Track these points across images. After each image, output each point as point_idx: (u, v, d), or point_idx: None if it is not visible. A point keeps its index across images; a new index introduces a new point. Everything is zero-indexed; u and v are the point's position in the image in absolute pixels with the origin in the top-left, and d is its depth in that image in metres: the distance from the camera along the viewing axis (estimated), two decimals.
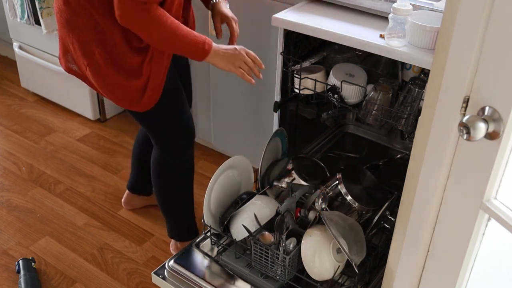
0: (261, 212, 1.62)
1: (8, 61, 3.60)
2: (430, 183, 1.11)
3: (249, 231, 1.57)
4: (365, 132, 2.09)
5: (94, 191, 2.49)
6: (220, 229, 1.70)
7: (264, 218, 1.62)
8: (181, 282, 1.64)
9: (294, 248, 1.54)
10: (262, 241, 1.55)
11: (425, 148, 1.10)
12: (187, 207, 2.02)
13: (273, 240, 1.56)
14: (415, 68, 1.88)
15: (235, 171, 1.77)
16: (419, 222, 1.18)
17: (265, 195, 1.78)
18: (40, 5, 2.58)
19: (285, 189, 1.86)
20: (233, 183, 1.79)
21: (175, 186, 1.96)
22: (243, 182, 1.82)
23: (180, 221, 2.02)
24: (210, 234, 1.71)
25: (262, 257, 1.56)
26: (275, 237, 1.56)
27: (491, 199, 1.00)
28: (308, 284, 1.55)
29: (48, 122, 2.99)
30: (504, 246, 1.06)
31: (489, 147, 0.95)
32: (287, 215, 1.63)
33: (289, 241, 1.55)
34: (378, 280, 1.60)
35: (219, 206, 1.74)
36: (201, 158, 2.69)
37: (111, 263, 2.11)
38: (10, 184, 2.51)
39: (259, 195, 1.75)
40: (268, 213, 1.64)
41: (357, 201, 1.69)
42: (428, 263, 1.22)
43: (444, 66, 1.00)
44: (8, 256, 2.12)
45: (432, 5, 1.67)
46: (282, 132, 1.92)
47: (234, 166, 1.76)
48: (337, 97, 1.87)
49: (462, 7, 0.94)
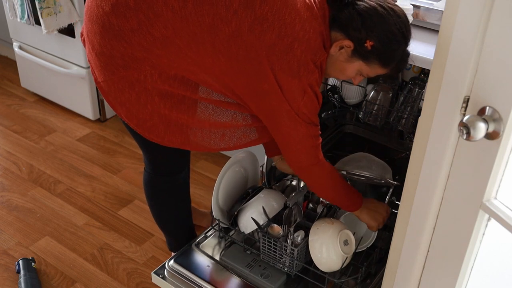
0: (268, 206, 1.65)
1: (8, 61, 3.60)
2: (430, 183, 1.11)
3: (258, 223, 1.61)
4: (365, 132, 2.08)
5: (94, 191, 2.49)
6: (229, 222, 1.72)
7: (272, 211, 1.65)
8: (181, 282, 1.65)
9: (302, 241, 1.58)
10: (271, 233, 1.58)
11: (425, 148, 1.10)
12: (185, 221, 1.94)
13: (282, 232, 1.58)
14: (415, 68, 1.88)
15: (242, 166, 1.80)
16: (419, 222, 1.18)
17: (272, 189, 1.79)
18: (40, 5, 2.58)
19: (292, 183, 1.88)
20: (240, 177, 1.81)
21: (170, 205, 1.86)
22: (250, 177, 1.85)
23: (180, 236, 1.94)
24: (218, 227, 1.73)
25: (270, 249, 1.59)
26: (283, 229, 1.58)
27: (491, 199, 1.00)
28: (316, 275, 1.57)
29: (48, 122, 2.99)
30: (504, 246, 1.06)
31: (489, 147, 0.95)
32: (295, 208, 1.66)
33: (297, 234, 1.59)
34: (378, 280, 1.60)
35: (226, 200, 1.76)
36: (201, 158, 2.69)
37: (111, 263, 2.11)
38: (10, 184, 2.51)
39: (266, 189, 1.77)
40: (276, 207, 1.67)
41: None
42: (428, 263, 1.22)
43: (444, 66, 1.00)
44: (8, 256, 2.12)
45: (432, 5, 1.67)
46: None
47: (241, 161, 1.79)
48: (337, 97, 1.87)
49: (462, 7, 0.94)
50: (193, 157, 2.61)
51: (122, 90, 1.42)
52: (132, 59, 1.37)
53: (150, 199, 1.85)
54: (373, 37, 1.35)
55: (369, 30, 1.35)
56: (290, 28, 1.32)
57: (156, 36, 1.33)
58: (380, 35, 1.35)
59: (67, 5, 2.61)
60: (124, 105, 1.46)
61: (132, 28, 1.33)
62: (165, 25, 1.31)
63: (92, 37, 1.42)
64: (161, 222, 1.92)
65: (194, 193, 2.42)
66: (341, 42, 1.38)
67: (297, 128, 1.42)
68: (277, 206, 1.68)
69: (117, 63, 1.39)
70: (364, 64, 1.41)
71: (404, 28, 1.38)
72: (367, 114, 1.85)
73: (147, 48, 1.34)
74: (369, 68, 1.42)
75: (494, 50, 0.91)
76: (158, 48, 1.34)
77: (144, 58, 1.36)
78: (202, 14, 1.30)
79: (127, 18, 1.33)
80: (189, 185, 1.88)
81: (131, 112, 1.46)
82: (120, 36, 1.35)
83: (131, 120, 1.48)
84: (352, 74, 1.46)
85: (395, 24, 1.35)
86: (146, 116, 1.45)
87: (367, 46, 1.36)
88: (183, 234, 1.93)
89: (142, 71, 1.38)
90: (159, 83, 1.39)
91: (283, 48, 1.32)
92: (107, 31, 1.37)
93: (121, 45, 1.36)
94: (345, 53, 1.40)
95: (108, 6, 1.35)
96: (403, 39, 1.38)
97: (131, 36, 1.34)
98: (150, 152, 1.71)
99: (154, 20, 1.31)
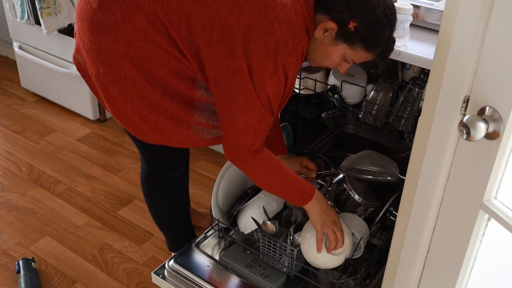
0: (268, 206, 1.65)
1: (8, 61, 3.60)
2: (430, 183, 1.11)
3: (258, 223, 1.60)
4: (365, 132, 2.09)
5: (94, 191, 2.49)
6: (228, 222, 1.72)
7: (272, 211, 1.65)
8: (181, 282, 1.65)
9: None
10: (265, 230, 1.58)
11: (425, 148, 1.10)
12: (183, 220, 1.93)
13: (275, 229, 1.57)
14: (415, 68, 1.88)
15: None
16: (419, 222, 1.18)
17: None
18: (40, 5, 2.58)
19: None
20: (240, 177, 1.80)
21: (167, 204, 1.85)
22: None
23: (178, 235, 1.94)
24: (218, 227, 1.73)
25: (270, 249, 1.59)
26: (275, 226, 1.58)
27: (491, 199, 1.00)
28: (315, 275, 1.57)
29: (48, 122, 2.99)
30: (504, 246, 1.06)
31: (489, 147, 0.95)
32: (295, 208, 1.65)
33: (297, 234, 1.58)
34: (378, 280, 1.60)
35: (226, 201, 1.76)
36: (201, 158, 2.69)
37: (111, 263, 2.11)
38: (10, 184, 2.51)
39: None
40: (276, 207, 1.67)
41: (362, 196, 1.69)
42: (428, 263, 1.22)
43: (444, 66, 1.00)
44: (8, 256, 2.12)
45: (432, 5, 1.67)
46: (287, 127, 1.93)
47: None
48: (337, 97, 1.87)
49: (462, 7, 0.94)
50: (193, 157, 2.61)
51: (106, 86, 1.45)
52: (115, 55, 1.40)
53: (147, 197, 1.85)
54: (357, 18, 1.35)
55: (353, 11, 1.35)
56: (271, 9, 1.33)
57: (137, 27, 1.36)
58: (363, 17, 1.35)
59: (67, 5, 2.61)
60: (109, 101, 1.49)
61: (117, 21, 1.36)
62: (146, 15, 1.34)
63: (82, 34, 1.45)
64: (158, 221, 1.92)
65: (194, 193, 2.42)
66: (325, 24, 1.38)
67: (251, 108, 1.38)
68: (277, 206, 1.68)
69: (103, 59, 1.42)
70: (348, 47, 1.40)
71: (389, 11, 1.37)
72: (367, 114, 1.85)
73: (128, 41, 1.37)
74: (353, 52, 1.41)
75: (494, 50, 0.91)
76: (137, 40, 1.37)
77: (125, 53, 1.39)
78: (183, 1, 1.32)
79: (112, 11, 1.36)
80: (187, 184, 1.88)
81: (117, 109, 1.49)
82: (107, 31, 1.38)
83: (117, 116, 1.52)
84: (337, 59, 1.45)
85: (379, 6, 1.35)
86: (129, 113, 1.48)
87: (350, 27, 1.35)
88: (182, 234, 1.92)
89: (122, 68, 1.40)
90: (137, 80, 1.41)
91: (262, 29, 1.32)
92: (95, 26, 1.40)
93: (107, 40, 1.39)
94: (329, 36, 1.40)
95: (95, 2, 1.39)
96: (387, 21, 1.38)
97: (116, 30, 1.37)
98: (145, 148, 1.71)
99: (136, 11, 1.34)
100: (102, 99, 1.51)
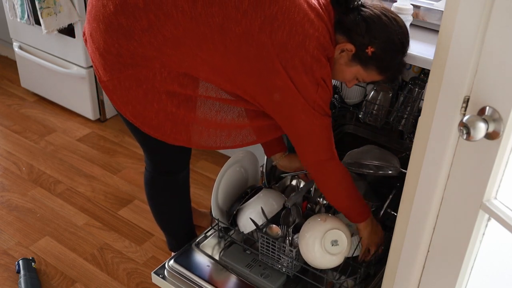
0: (267, 206, 1.65)
1: (8, 61, 3.60)
2: (430, 183, 1.11)
3: (256, 224, 1.60)
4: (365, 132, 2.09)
5: (94, 191, 2.49)
6: (228, 222, 1.72)
7: (271, 211, 1.65)
8: (181, 282, 1.65)
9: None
10: (270, 233, 1.58)
11: (425, 148, 1.10)
12: (185, 221, 1.94)
13: (280, 233, 1.58)
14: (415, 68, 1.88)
15: (242, 166, 1.80)
16: (419, 222, 1.18)
17: (271, 189, 1.80)
18: (40, 5, 2.58)
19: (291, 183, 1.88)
20: (240, 177, 1.81)
21: (170, 205, 1.87)
22: (250, 177, 1.85)
23: (180, 236, 1.94)
24: (218, 227, 1.73)
25: (269, 250, 1.59)
26: (282, 230, 1.58)
27: (491, 199, 1.00)
28: (315, 276, 1.57)
29: (48, 122, 2.99)
30: (504, 246, 1.06)
31: (489, 147, 0.95)
32: (293, 209, 1.66)
33: (296, 235, 1.58)
34: (378, 280, 1.60)
35: (226, 200, 1.76)
36: (201, 158, 2.69)
37: (111, 263, 2.11)
38: (10, 184, 2.51)
39: (265, 189, 1.77)
40: (275, 207, 1.67)
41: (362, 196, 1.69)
42: (428, 263, 1.22)
43: (444, 66, 1.00)
44: (8, 256, 2.12)
45: (432, 5, 1.67)
46: None
47: (241, 160, 1.79)
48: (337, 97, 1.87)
49: (462, 7, 0.94)
50: (193, 157, 2.60)
51: (128, 88, 1.43)
52: (142, 58, 1.38)
53: (150, 198, 1.85)
54: (375, 44, 1.38)
55: (372, 37, 1.38)
56: (300, 26, 1.34)
57: (166, 36, 1.34)
58: (381, 43, 1.38)
59: (67, 5, 2.61)
60: (129, 104, 1.46)
61: (143, 28, 1.34)
62: (176, 26, 1.32)
63: (97, 36, 1.42)
64: (161, 222, 1.92)
65: (194, 193, 2.42)
66: (343, 45, 1.41)
67: (313, 121, 1.43)
68: (276, 206, 1.68)
69: (125, 61, 1.39)
70: (362, 69, 1.44)
71: (404, 39, 1.42)
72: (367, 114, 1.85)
73: (158, 47, 1.35)
74: (366, 73, 1.45)
75: (494, 50, 0.91)
76: (168, 47, 1.35)
77: (154, 57, 1.37)
78: (212, 15, 1.31)
79: (137, 18, 1.34)
80: (189, 185, 1.88)
81: (137, 110, 1.47)
82: (130, 35, 1.36)
83: (136, 118, 1.48)
84: (349, 78, 1.49)
85: (396, 34, 1.39)
86: (152, 114, 1.46)
87: (368, 52, 1.39)
88: (184, 234, 1.93)
89: (151, 69, 1.39)
90: (168, 80, 1.40)
91: (295, 46, 1.34)
92: (115, 30, 1.37)
93: (130, 44, 1.36)
94: (345, 56, 1.42)
95: (115, 5, 1.35)
96: (402, 49, 1.43)
97: (142, 36, 1.35)
98: (152, 151, 1.71)
99: (164, 20, 1.32)
100: (119, 103, 1.47)
